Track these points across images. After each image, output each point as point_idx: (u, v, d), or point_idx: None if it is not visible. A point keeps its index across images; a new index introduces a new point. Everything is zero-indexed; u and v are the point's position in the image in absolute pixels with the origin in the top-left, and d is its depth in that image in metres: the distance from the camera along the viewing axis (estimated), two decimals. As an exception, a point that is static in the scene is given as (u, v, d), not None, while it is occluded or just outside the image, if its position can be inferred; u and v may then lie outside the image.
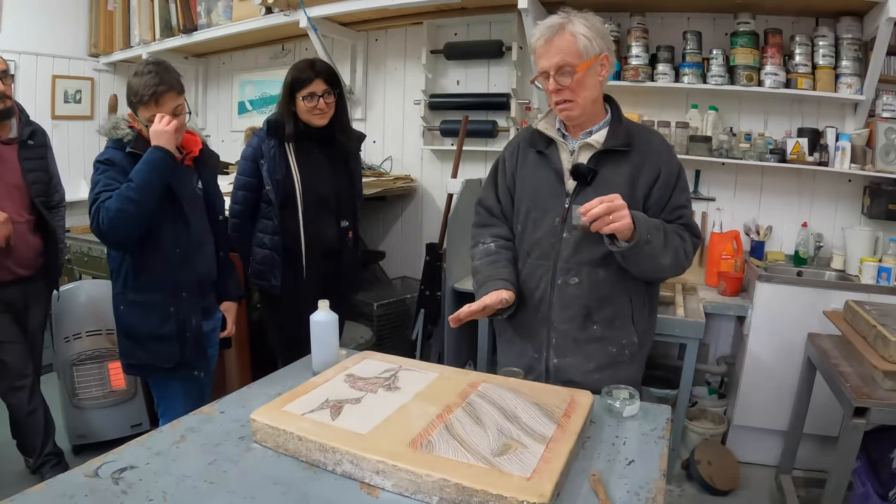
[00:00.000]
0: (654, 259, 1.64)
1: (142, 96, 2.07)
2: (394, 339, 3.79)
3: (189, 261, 2.25)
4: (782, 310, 3.02)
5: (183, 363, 2.24)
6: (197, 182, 2.35)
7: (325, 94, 2.60)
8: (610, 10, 3.55)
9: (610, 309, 1.78)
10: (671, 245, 1.67)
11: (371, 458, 1.14)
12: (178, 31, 4.60)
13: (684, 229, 1.75)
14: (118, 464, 1.24)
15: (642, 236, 1.58)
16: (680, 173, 1.78)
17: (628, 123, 1.81)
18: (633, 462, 1.28)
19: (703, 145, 3.35)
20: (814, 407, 2.81)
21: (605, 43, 1.69)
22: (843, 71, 3.15)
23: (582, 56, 1.65)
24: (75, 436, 3.21)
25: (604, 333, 1.79)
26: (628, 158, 1.74)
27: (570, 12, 1.69)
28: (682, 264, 1.73)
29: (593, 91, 1.71)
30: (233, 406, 1.55)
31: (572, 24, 1.65)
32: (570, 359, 1.81)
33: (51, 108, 4.79)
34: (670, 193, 1.75)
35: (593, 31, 1.66)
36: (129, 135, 2.15)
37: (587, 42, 1.65)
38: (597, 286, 1.76)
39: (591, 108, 1.75)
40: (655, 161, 1.74)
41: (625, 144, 1.73)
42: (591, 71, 1.67)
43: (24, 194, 2.74)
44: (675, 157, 1.81)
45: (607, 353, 1.80)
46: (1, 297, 2.72)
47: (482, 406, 1.35)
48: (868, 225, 3.29)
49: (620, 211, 1.54)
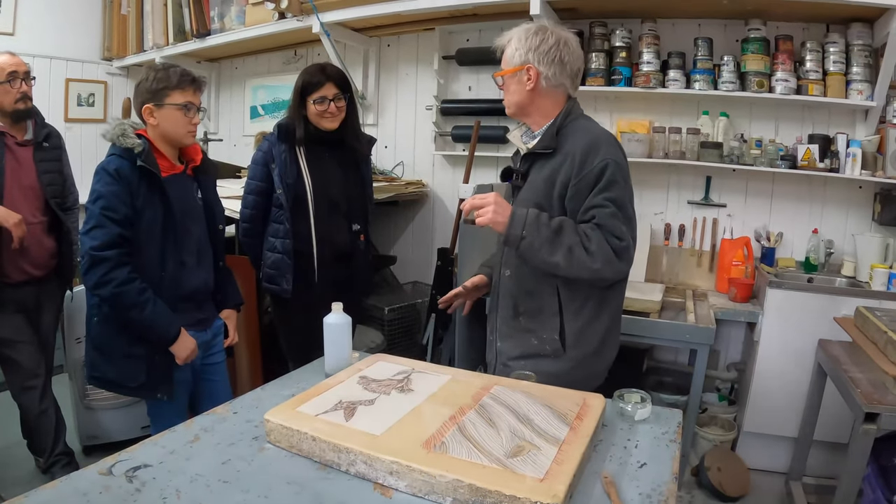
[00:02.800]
0: (538, 255, 1.73)
1: (181, 82, 2.15)
2: (404, 344, 3.80)
3: (184, 275, 2.24)
4: (793, 316, 3.01)
5: (147, 385, 2.21)
6: (197, 192, 2.34)
7: (335, 97, 2.62)
8: (622, 17, 3.56)
9: (534, 302, 1.91)
10: (561, 243, 1.71)
11: (385, 459, 1.15)
12: (192, 35, 4.62)
13: (595, 229, 1.74)
14: (132, 462, 1.25)
15: (513, 231, 1.73)
16: (602, 173, 1.76)
17: (566, 127, 1.89)
18: (644, 465, 1.28)
19: (714, 151, 3.35)
20: (824, 413, 2.80)
21: (535, 56, 1.85)
22: (853, 77, 3.14)
23: (506, 63, 1.92)
24: (86, 436, 3.23)
25: (528, 325, 1.93)
26: (551, 160, 1.86)
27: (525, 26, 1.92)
28: (587, 265, 1.71)
29: (517, 96, 1.91)
30: (246, 407, 1.56)
31: (512, 38, 1.91)
32: (505, 343, 2.00)
33: (64, 111, 4.84)
34: (586, 194, 1.78)
35: (522, 45, 1.87)
36: (139, 146, 2.10)
37: (512, 52, 1.89)
38: (522, 279, 1.92)
39: (523, 111, 1.94)
40: (571, 162, 1.80)
41: (546, 147, 1.87)
42: (514, 78, 1.90)
43: (39, 196, 2.77)
44: (599, 156, 1.79)
45: (529, 344, 1.93)
46: (14, 297, 2.74)
47: (495, 408, 1.35)
48: (879, 231, 3.27)
49: (486, 207, 1.74)
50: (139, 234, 2.12)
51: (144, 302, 2.08)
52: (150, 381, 2.20)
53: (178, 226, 2.19)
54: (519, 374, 1.64)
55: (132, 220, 2.09)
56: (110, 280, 2.04)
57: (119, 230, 2.05)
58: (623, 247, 1.74)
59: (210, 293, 2.42)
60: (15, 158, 2.70)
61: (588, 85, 3.50)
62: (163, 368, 2.21)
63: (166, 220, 2.16)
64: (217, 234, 2.42)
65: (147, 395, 2.26)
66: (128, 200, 2.07)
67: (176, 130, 2.18)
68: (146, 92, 2.15)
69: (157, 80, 2.13)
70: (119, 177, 2.06)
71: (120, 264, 2.05)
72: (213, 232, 2.40)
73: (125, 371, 2.19)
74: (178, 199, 2.20)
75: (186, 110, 2.16)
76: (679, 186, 3.66)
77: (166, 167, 2.21)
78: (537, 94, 1.89)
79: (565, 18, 3.59)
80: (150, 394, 2.24)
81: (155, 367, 2.19)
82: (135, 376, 2.18)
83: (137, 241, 2.11)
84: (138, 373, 2.18)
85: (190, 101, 2.17)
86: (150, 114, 2.15)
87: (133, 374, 2.18)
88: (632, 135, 3.47)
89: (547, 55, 1.85)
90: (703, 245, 3.62)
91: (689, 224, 3.63)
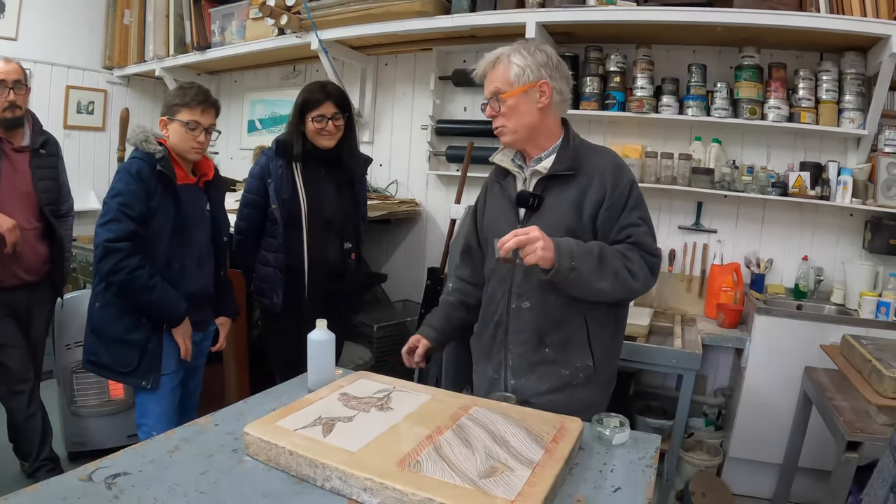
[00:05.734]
0: (587, 285, 1.67)
1: (191, 101, 2.29)
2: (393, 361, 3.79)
3: (184, 278, 2.39)
4: (780, 343, 3.02)
5: (136, 372, 2.35)
6: (206, 204, 2.50)
7: (334, 116, 2.64)
8: (617, 42, 3.60)
9: (562, 332, 1.82)
10: (608, 269, 1.68)
11: (359, 476, 1.16)
12: (192, 48, 4.67)
13: (633, 249, 1.74)
14: (112, 469, 1.26)
15: (563, 265, 1.62)
16: (631, 192, 1.78)
17: (579, 146, 1.85)
18: (619, 489, 1.28)
19: (706, 177, 3.37)
20: (809, 440, 2.80)
21: (547, 72, 1.76)
22: (846, 105, 3.18)
23: (513, 84, 1.76)
24: (72, 442, 3.24)
25: (556, 356, 1.83)
26: (574, 182, 1.79)
27: (520, 43, 1.81)
28: (630, 286, 1.72)
29: (528, 117, 1.79)
30: (228, 419, 1.56)
31: (510, 55, 1.77)
32: (524, 380, 1.86)
33: (63, 117, 4.86)
34: (619, 213, 1.77)
35: (530, 60, 1.75)
36: (160, 152, 2.28)
37: (520, 70, 1.75)
38: (548, 310, 1.81)
39: (531, 133, 1.82)
40: (601, 182, 1.77)
41: (570, 168, 1.79)
42: (524, 97, 1.76)
43: (34, 202, 2.79)
44: (625, 175, 1.80)
45: (560, 376, 1.84)
46: (6, 301, 2.76)
47: (472, 429, 1.36)
48: (869, 259, 3.29)
49: (533, 244, 1.59)
50: (150, 233, 2.28)
51: (154, 285, 2.26)
52: (140, 369, 2.34)
53: (185, 231, 2.36)
54: (498, 396, 1.65)
55: (146, 218, 2.26)
56: (123, 267, 2.20)
57: (133, 226, 2.22)
58: (657, 263, 1.78)
59: (209, 299, 2.57)
60: (11, 164, 2.72)
61: (582, 109, 3.55)
62: (153, 358, 2.36)
63: (175, 223, 2.32)
64: (220, 245, 2.59)
65: (135, 382, 2.40)
66: (144, 200, 2.24)
67: (181, 145, 2.33)
68: (164, 105, 2.36)
69: (174, 96, 2.33)
70: (139, 177, 2.23)
71: (130, 254, 2.21)
72: (217, 242, 2.57)
73: (119, 356, 2.34)
74: (188, 208, 2.37)
75: (191, 129, 2.30)
76: (670, 211, 3.68)
77: (181, 176, 2.37)
78: (547, 114, 1.81)
79: (560, 42, 3.64)
80: (138, 381, 2.37)
81: (146, 355, 2.34)
82: (127, 362, 2.33)
83: (147, 239, 2.28)
84: (131, 358, 2.33)
85: (196, 120, 2.30)
86: (164, 126, 2.34)
87: (126, 359, 2.33)
88: (624, 159, 3.47)
89: (557, 70, 1.79)
90: (693, 270, 3.64)
91: (679, 249, 3.65)
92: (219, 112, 2.44)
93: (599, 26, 3.36)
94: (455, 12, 3.52)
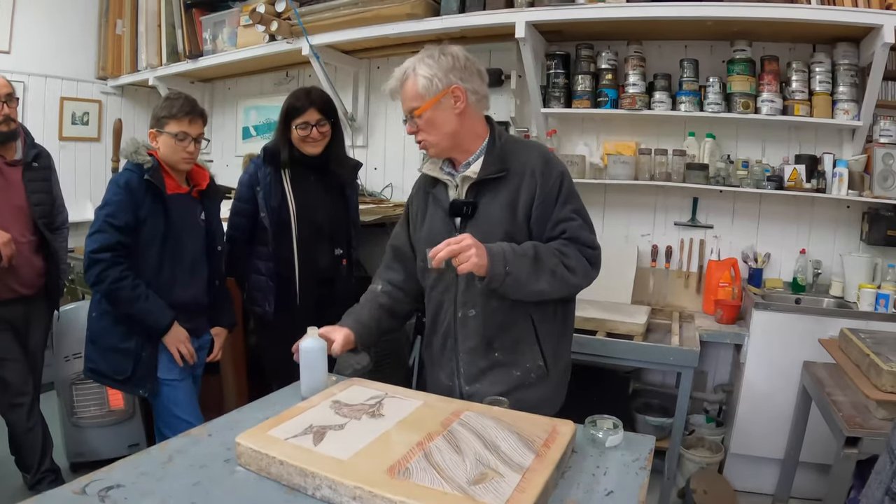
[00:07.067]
0: (525, 287, 1.67)
1: (178, 112, 2.31)
2: (391, 366, 3.77)
3: (174, 286, 2.41)
4: (779, 338, 3.02)
5: (131, 380, 2.39)
6: (200, 213, 2.51)
7: (318, 123, 2.63)
8: (608, 39, 3.59)
9: (510, 335, 1.83)
10: (544, 269, 1.67)
11: (348, 484, 1.15)
12: (185, 56, 4.67)
13: (568, 244, 1.73)
14: (106, 482, 1.26)
15: (497, 270, 1.62)
16: (562, 186, 1.76)
17: (506, 144, 1.82)
18: (611, 493, 1.28)
19: (700, 173, 3.36)
20: (810, 435, 2.79)
21: (457, 75, 1.72)
22: (839, 97, 3.17)
23: (423, 97, 1.72)
24: (73, 454, 3.25)
25: (506, 359, 1.84)
26: (506, 183, 1.77)
27: (424, 51, 1.76)
28: (569, 282, 1.72)
29: (448, 125, 1.76)
30: (221, 429, 1.56)
31: (415, 68, 1.73)
32: (478, 385, 1.86)
33: (59, 129, 4.86)
34: (552, 209, 1.76)
35: (436, 68, 1.71)
36: (149, 162, 2.32)
37: (427, 82, 1.71)
38: (492, 315, 1.81)
39: (455, 141, 1.79)
40: (532, 180, 1.76)
41: (499, 170, 1.77)
42: (439, 108, 1.73)
43: (28, 215, 2.80)
44: (554, 169, 1.78)
45: (511, 378, 1.84)
46: (3, 314, 2.77)
47: (463, 434, 1.35)
48: (867, 251, 3.28)
49: (466, 252, 1.58)
50: (139, 242, 2.33)
51: (137, 297, 2.29)
52: (135, 377, 2.38)
53: (175, 240, 2.39)
54: (491, 400, 1.64)
55: (134, 228, 2.30)
56: (105, 278, 2.26)
57: (118, 236, 2.27)
58: (596, 255, 1.77)
59: (203, 308, 2.58)
60: (4, 178, 2.73)
61: (574, 107, 3.54)
62: (148, 367, 2.40)
63: (165, 233, 2.35)
64: (214, 255, 2.59)
65: (131, 390, 2.47)
66: (131, 210, 2.28)
67: (171, 157, 2.36)
68: (153, 117, 2.38)
69: (162, 108, 2.35)
70: (127, 188, 2.28)
71: (113, 264, 2.26)
72: (211, 252, 2.57)
73: (115, 364, 2.38)
74: (178, 217, 2.40)
75: (179, 140, 2.32)
76: (666, 208, 3.67)
77: (172, 186, 2.41)
78: (467, 117, 1.77)
79: (551, 41, 3.63)
80: (134, 389, 2.44)
81: (140, 364, 2.38)
82: (122, 370, 2.38)
83: (137, 248, 2.32)
84: (126, 367, 2.37)
85: (184, 131, 2.33)
86: (153, 138, 2.37)
87: (121, 367, 2.38)
88: (618, 157, 3.49)
89: (466, 70, 1.74)
90: (691, 266, 3.63)
91: (675, 245, 3.64)
92: (206, 121, 2.45)
93: (590, 24, 3.34)
94: (444, 14, 3.51)
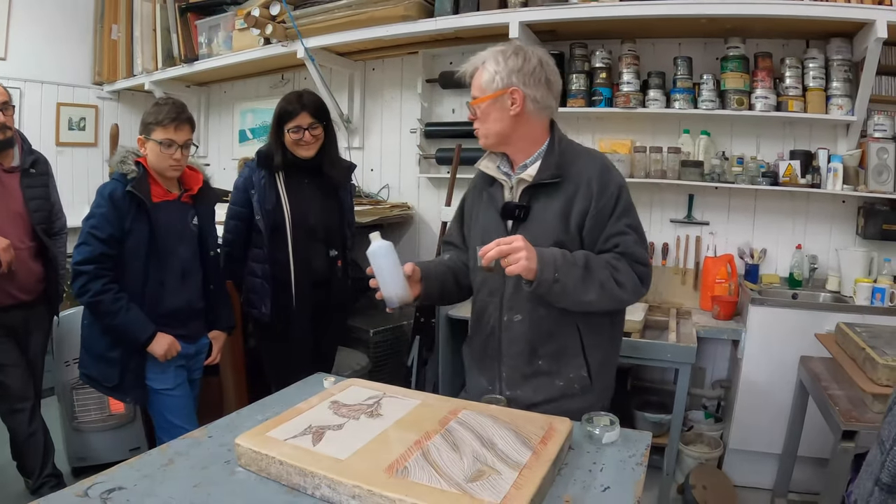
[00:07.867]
0: (571, 296, 1.64)
1: (163, 119, 2.30)
2: (390, 366, 3.80)
3: (164, 293, 2.42)
4: (776, 333, 3.02)
5: (119, 387, 2.42)
6: (192, 218, 2.50)
7: (311, 126, 2.64)
8: (601, 38, 3.61)
9: (555, 344, 1.79)
10: (593, 280, 1.64)
11: (347, 483, 1.17)
12: (180, 60, 4.68)
13: (621, 259, 1.70)
14: (108, 484, 1.27)
15: (546, 276, 1.59)
16: (618, 199, 1.74)
17: (565, 151, 1.79)
18: (608, 489, 1.29)
19: (696, 170, 3.38)
20: (808, 429, 2.80)
21: (519, 79, 1.71)
22: (833, 92, 3.18)
23: (484, 90, 1.73)
24: (74, 458, 3.26)
25: (550, 368, 1.80)
26: (560, 190, 1.75)
27: (502, 46, 1.77)
28: (618, 297, 1.68)
29: (500, 124, 1.75)
30: (221, 431, 1.57)
31: (486, 61, 1.74)
32: (519, 391, 1.82)
33: (55, 135, 4.88)
34: (606, 222, 1.73)
35: (502, 66, 1.71)
36: (133, 172, 2.31)
37: (490, 77, 1.72)
38: (539, 322, 1.78)
39: (503, 140, 1.79)
40: (587, 190, 1.72)
41: (554, 176, 1.74)
42: (495, 104, 1.73)
43: (26, 221, 2.80)
44: (612, 181, 1.75)
45: (554, 387, 1.80)
46: (3, 321, 2.77)
47: (460, 433, 1.36)
48: (863, 245, 3.30)
49: (516, 254, 1.56)
50: (125, 253, 2.33)
51: (118, 310, 2.30)
52: (123, 385, 2.42)
53: (162, 248, 2.37)
54: (488, 399, 1.65)
55: (118, 239, 2.30)
56: (87, 290, 2.28)
57: (102, 248, 2.28)
58: (647, 273, 1.74)
59: (197, 313, 2.57)
60: (2, 185, 2.73)
61: (569, 106, 3.55)
62: (135, 375, 2.42)
63: (151, 242, 2.34)
64: (208, 259, 2.58)
65: (120, 397, 2.53)
66: (115, 222, 2.28)
67: (158, 164, 2.36)
68: (141, 123, 2.38)
69: (149, 114, 2.35)
70: (111, 199, 2.28)
71: (96, 277, 2.28)
72: (204, 256, 2.56)
73: (104, 372, 2.42)
74: (166, 224, 2.39)
75: (165, 147, 2.32)
76: (662, 205, 3.69)
77: (159, 193, 2.40)
78: (523, 121, 1.75)
79: (545, 40, 3.64)
80: (122, 396, 2.51)
81: (127, 372, 2.40)
82: (110, 377, 2.41)
83: (123, 259, 2.33)
84: (113, 375, 2.40)
85: (170, 138, 2.32)
86: (141, 144, 2.36)
87: (109, 375, 2.41)
88: (613, 155, 3.49)
89: (532, 76, 1.72)
90: (687, 263, 3.65)
91: (672, 242, 3.66)
92: (194, 127, 2.44)
93: (583, 23, 3.35)
94: (438, 15, 3.52)
